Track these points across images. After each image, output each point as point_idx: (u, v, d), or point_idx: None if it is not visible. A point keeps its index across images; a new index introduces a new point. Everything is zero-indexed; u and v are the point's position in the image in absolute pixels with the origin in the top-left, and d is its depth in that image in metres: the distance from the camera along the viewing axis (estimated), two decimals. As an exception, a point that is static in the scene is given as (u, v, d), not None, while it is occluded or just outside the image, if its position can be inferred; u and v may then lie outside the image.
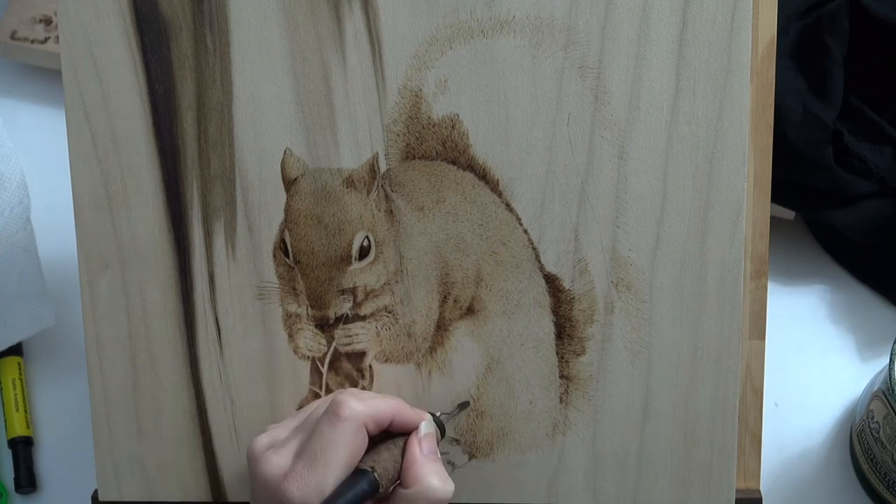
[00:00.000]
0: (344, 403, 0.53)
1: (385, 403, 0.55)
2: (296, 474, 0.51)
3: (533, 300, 0.59)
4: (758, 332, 0.61)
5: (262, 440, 0.55)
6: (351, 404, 0.53)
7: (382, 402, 0.55)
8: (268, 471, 0.52)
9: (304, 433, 0.54)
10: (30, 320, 0.71)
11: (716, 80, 0.56)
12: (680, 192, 0.57)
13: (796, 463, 0.69)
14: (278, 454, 0.53)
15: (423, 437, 0.55)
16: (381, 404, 0.54)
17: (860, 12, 0.71)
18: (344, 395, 0.54)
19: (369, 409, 0.53)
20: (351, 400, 0.53)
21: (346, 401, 0.53)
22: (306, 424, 0.55)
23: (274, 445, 0.54)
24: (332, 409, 0.53)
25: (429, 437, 0.55)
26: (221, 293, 0.60)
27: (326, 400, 0.57)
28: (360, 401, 0.53)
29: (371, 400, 0.54)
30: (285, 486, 0.51)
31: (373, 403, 0.54)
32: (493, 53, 0.57)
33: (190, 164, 0.59)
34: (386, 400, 0.55)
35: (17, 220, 0.70)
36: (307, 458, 0.52)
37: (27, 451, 0.71)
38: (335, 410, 0.53)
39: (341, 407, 0.53)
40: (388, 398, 0.56)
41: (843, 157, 0.70)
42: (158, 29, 0.58)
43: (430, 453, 0.54)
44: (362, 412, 0.53)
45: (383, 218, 0.58)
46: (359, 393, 0.56)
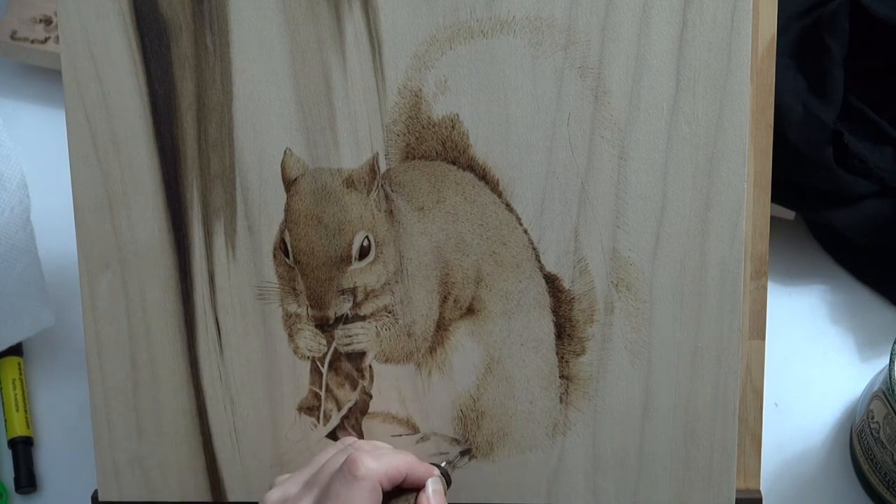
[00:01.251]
0: (360, 462, 0.52)
1: (398, 460, 0.54)
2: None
3: (533, 300, 0.59)
4: (758, 332, 0.61)
5: (274, 496, 0.54)
6: (367, 463, 0.52)
7: (396, 459, 0.54)
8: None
9: (317, 489, 0.53)
10: (30, 320, 0.71)
11: (716, 80, 0.56)
12: (680, 192, 0.57)
13: (796, 463, 0.69)
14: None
15: (431, 493, 0.55)
16: (394, 461, 0.54)
17: (860, 12, 0.71)
18: (358, 453, 0.53)
19: (384, 466, 0.53)
20: (366, 458, 0.52)
21: (362, 459, 0.52)
22: (318, 479, 0.54)
23: (286, 500, 0.53)
24: (347, 467, 0.52)
25: (437, 494, 0.55)
26: (221, 293, 0.60)
27: (338, 452, 0.56)
28: (375, 459, 0.53)
29: (386, 457, 0.53)
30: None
31: (387, 461, 0.53)
32: (493, 53, 0.57)
33: (190, 164, 0.59)
34: (398, 456, 0.55)
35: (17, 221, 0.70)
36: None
37: (27, 451, 0.71)
38: (350, 470, 0.52)
39: (357, 466, 0.52)
40: (400, 454, 0.55)
41: (843, 157, 0.70)
42: (158, 29, 0.58)
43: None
44: (377, 470, 0.52)
45: (383, 218, 0.58)
46: (372, 449, 0.56)
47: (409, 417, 0.60)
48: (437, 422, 0.60)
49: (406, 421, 0.60)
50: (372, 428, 0.60)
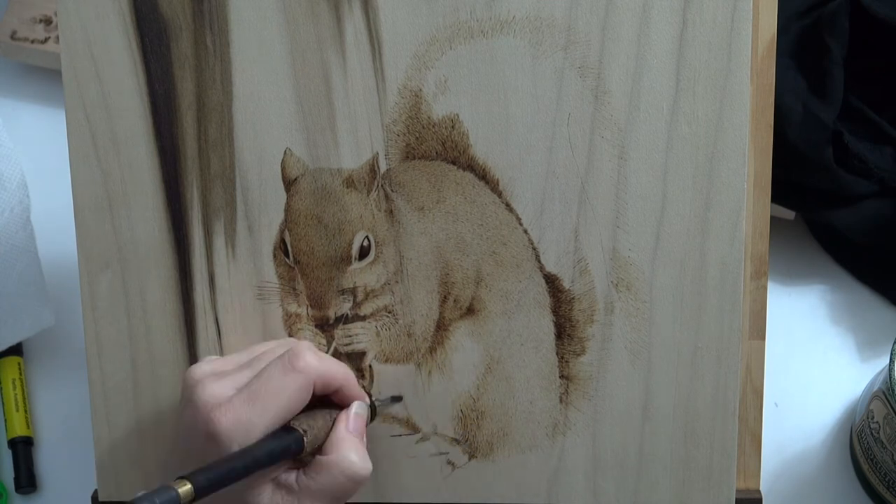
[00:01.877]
0: (301, 356, 0.52)
1: (338, 368, 0.54)
2: (231, 406, 0.51)
3: (533, 300, 0.59)
4: (758, 332, 0.61)
5: (203, 367, 0.54)
6: (308, 358, 0.52)
7: (336, 367, 0.54)
8: (204, 396, 0.52)
9: (249, 371, 0.53)
10: (30, 320, 0.71)
11: (716, 80, 0.56)
12: (680, 192, 0.57)
13: (796, 463, 0.69)
14: (219, 383, 0.52)
15: (353, 413, 0.55)
16: (334, 367, 0.54)
17: (860, 12, 0.70)
18: (302, 346, 0.53)
19: (323, 367, 0.53)
20: (308, 354, 0.53)
21: (304, 353, 0.52)
22: (254, 364, 0.54)
23: (215, 375, 0.53)
24: (288, 356, 0.52)
25: (358, 418, 0.55)
26: (221, 293, 0.60)
27: (281, 344, 0.56)
28: (317, 357, 0.53)
29: (326, 360, 0.54)
30: (217, 414, 0.51)
31: (327, 364, 0.54)
32: (493, 53, 0.57)
33: (190, 164, 0.59)
34: (340, 366, 0.55)
35: (17, 221, 0.70)
36: (247, 395, 0.51)
37: (27, 451, 0.71)
38: (291, 359, 0.52)
39: (298, 358, 0.52)
40: (343, 365, 0.56)
41: (843, 157, 0.70)
42: (158, 29, 0.58)
43: (356, 431, 0.54)
44: (316, 369, 0.52)
45: (383, 218, 0.58)
46: (315, 349, 0.55)
47: (409, 417, 0.60)
48: (437, 422, 0.60)
49: (406, 421, 0.60)
50: (372, 428, 0.60)
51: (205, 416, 0.51)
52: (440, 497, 0.61)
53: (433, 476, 0.61)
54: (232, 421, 0.50)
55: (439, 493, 0.61)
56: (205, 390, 0.52)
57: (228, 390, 0.52)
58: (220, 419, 0.51)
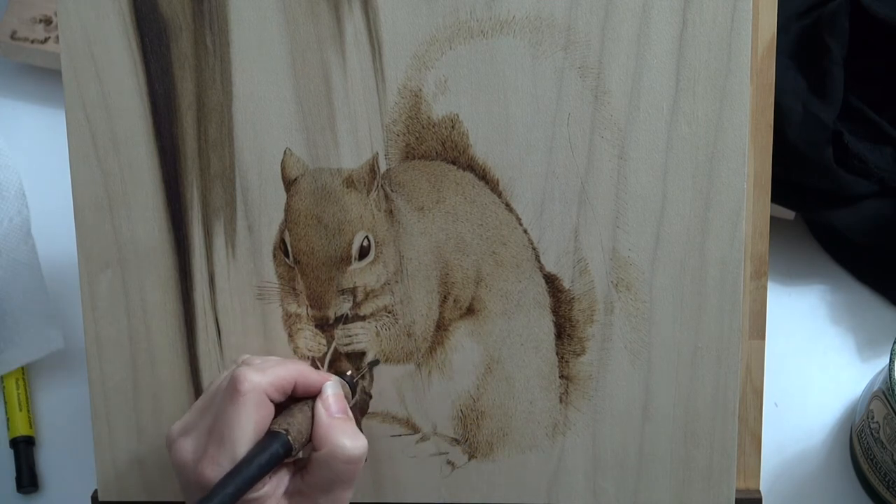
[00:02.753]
0: (241, 377, 0.52)
1: (286, 369, 0.54)
2: (207, 456, 0.51)
3: (533, 300, 0.59)
4: (758, 332, 0.61)
5: (176, 427, 0.55)
6: (249, 377, 0.52)
7: (283, 369, 0.54)
8: (180, 457, 0.53)
9: (210, 413, 0.54)
10: (38, 340, 0.71)
11: (716, 80, 0.56)
12: (680, 192, 0.57)
13: (796, 463, 0.69)
14: (188, 439, 0.53)
15: (328, 397, 0.54)
16: (280, 371, 0.54)
17: (860, 12, 0.71)
18: (242, 368, 0.53)
19: (268, 377, 0.53)
20: (248, 372, 0.52)
21: (244, 374, 0.52)
22: (211, 404, 0.54)
23: (185, 431, 0.54)
24: (230, 385, 0.52)
25: (336, 398, 0.55)
26: (221, 293, 0.60)
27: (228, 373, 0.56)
28: (259, 371, 0.53)
29: (271, 368, 0.54)
30: (200, 468, 0.51)
31: (272, 372, 0.53)
32: (493, 53, 0.57)
33: (190, 164, 0.59)
34: (287, 366, 0.55)
35: (17, 233, 0.70)
36: (215, 439, 0.52)
37: (29, 451, 0.71)
38: (234, 386, 0.52)
39: (238, 381, 0.52)
40: (290, 363, 0.55)
41: (843, 157, 0.70)
42: (158, 29, 0.58)
43: (339, 412, 0.54)
44: (261, 382, 0.52)
45: (383, 218, 0.59)
46: (259, 363, 0.55)
47: (409, 417, 0.60)
48: (437, 422, 0.60)
49: (406, 421, 0.60)
50: (372, 428, 0.60)
51: (191, 474, 0.52)
52: (440, 497, 0.61)
53: (433, 476, 0.61)
54: (214, 468, 0.51)
55: (439, 493, 0.61)
56: (180, 450, 0.53)
57: (198, 441, 0.53)
58: (203, 472, 0.51)
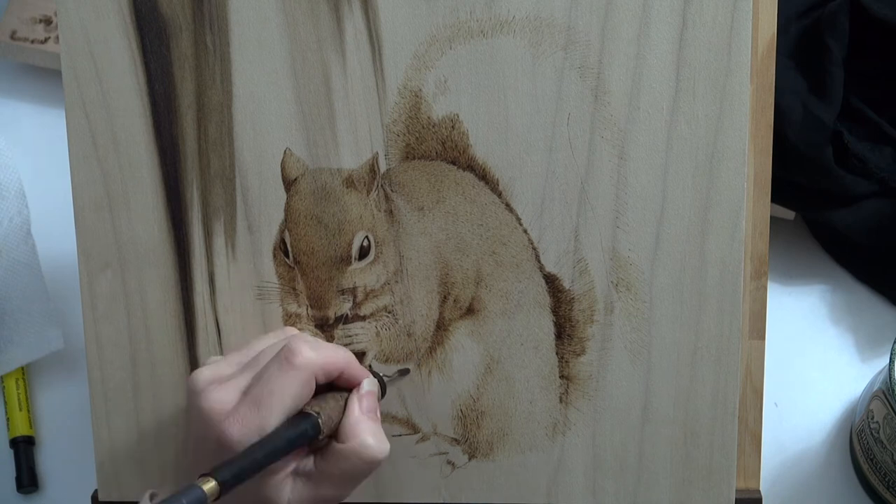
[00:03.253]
0: (298, 350, 0.52)
1: (337, 355, 0.54)
2: (238, 414, 0.51)
3: (533, 300, 0.59)
4: (758, 332, 0.61)
5: (205, 374, 0.53)
6: (305, 352, 0.52)
7: (334, 353, 0.54)
8: (209, 405, 0.51)
9: (250, 372, 0.53)
10: (38, 340, 0.71)
11: (716, 80, 0.56)
12: (680, 192, 0.57)
13: (796, 463, 0.69)
14: (223, 390, 0.52)
15: (364, 393, 0.54)
16: (333, 355, 0.53)
17: (860, 12, 0.71)
18: (297, 340, 0.53)
19: (321, 358, 0.52)
20: (304, 347, 0.52)
21: (300, 348, 0.52)
22: (255, 363, 0.53)
23: (218, 380, 0.53)
24: (284, 354, 0.52)
25: (370, 395, 0.54)
26: (221, 293, 0.60)
27: (277, 340, 0.55)
28: (314, 349, 0.52)
29: (324, 350, 0.53)
30: (226, 424, 0.50)
31: (325, 353, 0.53)
32: (493, 53, 0.57)
33: (190, 164, 0.59)
34: (338, 351, 0.54)
35: (17, 233, 0.70)
36: (252, 400, 0.51)
37: (29, 451, 0.71)
38: (288, 357, 0.51)
39: (295, 354, 0.51)
40: (340, 349, 0.55)
41: (843, 157, 0.70)
42: (158, 29, 0.58)
43: (370, 411, 0.54)
44: (315, 361, 0.52)
45: (383, 218, 0.59)
46: (311, 340, 0.55)
47: (409, 417, 0.60)
48: (437, 422, 0.60)
49: (406, 421, 0.60)
50: (372, 428, 0.60)
51: (215, 427, 0.51)
52: (440, 497, 0.61)
53: (433, 476, 0.61)
54: (241, 429, 0.50)
55: (439, 493, 0.61)
56: (209, 399, 0.52)
57: (232, 396, 0.52)
58: (229, 429, 0.50)
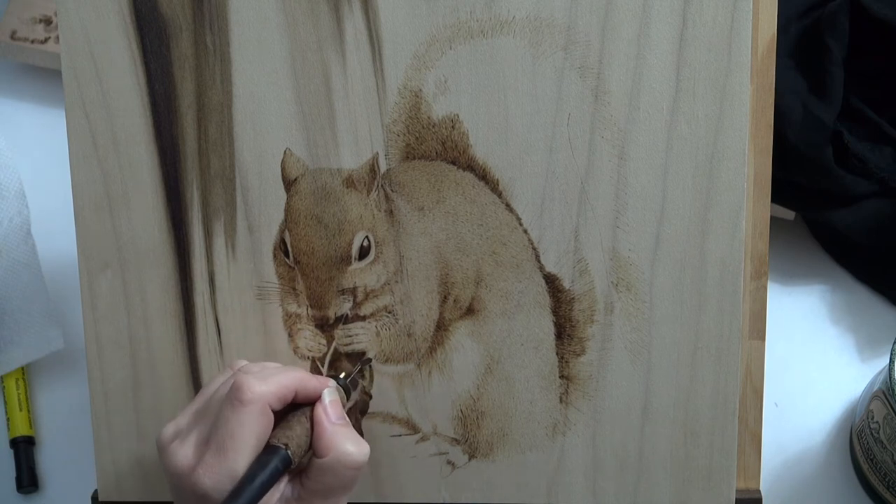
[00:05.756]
0: (245, 386, 0.51)
1: (287, 378, 0.53)
2: (205, 464, 0.51)
3: (533, 300, 0.59)
4: (758, 332, 0.61)
5: (168, 430, 0.54)
6: (252, 386, 0.51)
7: (285, 377, 0.53)
8: (174, 463, 0.52)
9: (206, 418, 0.53)
10: (38, 340, 0.71)
11: (716, 80, 0.56)
12: (680, 192, 0.57)
13: (796, 463, 0.69)
14: (183, 445, 0.52)
15: (327, 404, 0.54)
16: (283, 380, 0.53)
17: (860, 12, 0.71)
18: (243, 376, 0.52)
19: (271, 386, 0.52)
20: (251, 381, 0.52)
21: (248, 383, 0.51)
22: (208, 409, 0.53)
23: (178, 435, 0.53)
24: (233, 393, 0.51)
25: (334, 404, 0.54)
26: (221, 293, 0.60)
27: (227, 379, 0.55)
28: (262, 381, 0.52)
29: (273, 377, 0.53)
30: (195, 477, 0.51)
31: (275, 381, 0.52)
32: (493, 53, 0.57)
33: (190, 164, 0.59)
34: (287, 373, 0.54)
35: (17, 233, 0.70)
36: (215, 447, 0.51)
37: (29, 451, 0.71)
38: (236, 395, 0.51)
39: (242, 390, 0.51)
40: (290, 370, 0.55)
41: (843, 157, 0.70)
42: (158, 29, 0.58)
43: (338, 419, 0.54)
44: (265, 393, 0.52)
45: (383, 218, 0.59)
46: (260, 370, 0.54)
47: (409, 417, 0.60)
48: (437, 422, 0.60)
49: (406, 421, 0.60)
50: (372, 428, 0.60)
51: (186, 482, 0.51)
52: (440, 497, 0.61)
53: (433, 476, 0.61)
54: (212, 477, 0.50)
55: (439, 493, 0.61)
56: (174, 456, 0.52)
57: (192, 449, 0.52)
58: (200, 481, 0.50)
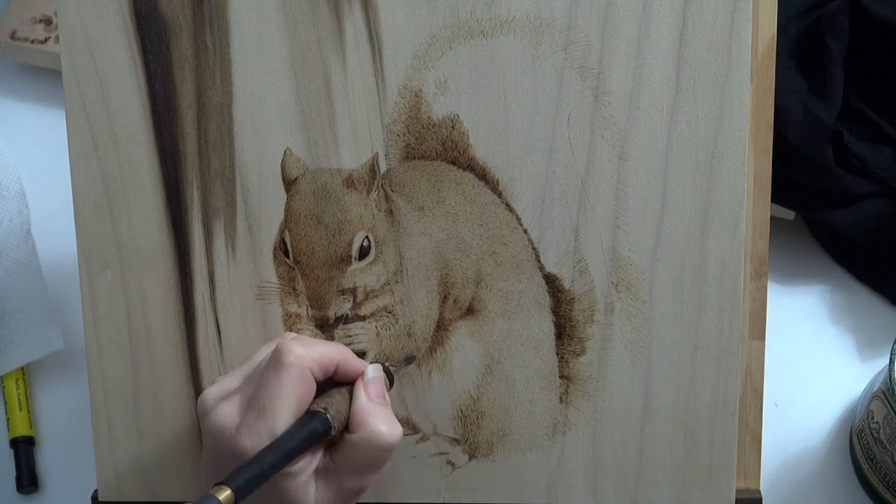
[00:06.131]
0: (287, 349, 0.52)
1: (330, 349, 0.54)
2: (246, 425, 0.51)
3: (533, 300, 0.59)
4: (758, 332, 0.61)
5: (213, 391, 0.54)
6: (294, 350, 0.52)
7: (327, 348, 0.54)
8: (218, 422, 0.52)
9: (251, 382, 0.53)
10: (38, 340, 0.71)
11: (716, 80, 0.56)
12: (680, 192, 0.57)
13: (796, 463, 0.69)
14: (228, 405, 0.53)
15: (369, 380, 0.54)
16: (325, 349, 0.54)
17: (860, 12, 0.71)
18: (287, 340, 0.53)
19: (313, 353, 0.53)
20: (294, 345, 0.52)
21: (289, 346, 0.52)
22: (255, 373, 0.54)
23: (224, 396, 0.54)
24: (275, 355, 0.52)
25: (376, 381, 0.55)
26: (221, 293, 0.60)
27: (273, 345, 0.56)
28: (305, 346, 0.53)
29: (316, 346, 0.53)
30: (237, 437, 0.51)
31: (317, 349, 0.53)
32: (493, 53, 0.57)
33: (190, 164, 0.59)
34: (331, 345, 0.55)
35: (16, 233, 0.70)
36: (256, 408, 0.51)
37: (29, 451, 0.71)
38: (278, 357, 0.52)
39: (284, 353, 0.52)
40: (334, 344, 0.55)
41: (843, 157, 0.70)
42: (158, 29, 0.58)
43: (378, 398, 0.54)
44: (306, 356, 0.52)
45: (383, 218, 0.59)
46: (303, 338, 0.55)
47: (409, 417, 0.60)
48: (437, 422, 0.60)
49: (406, 421, 0.60)
50: (372, 428, 0.60)
51: (227, 441, 0.52)
52: (440, 497, 0.61)
53: (433, 476, 0.61)
54: (252, 437, 0.51)
55: (439, 493, 0.61)
56: (219, 416, 0.52)
57: (238, 409, 0.52)
58: (241, 441, 0.51)
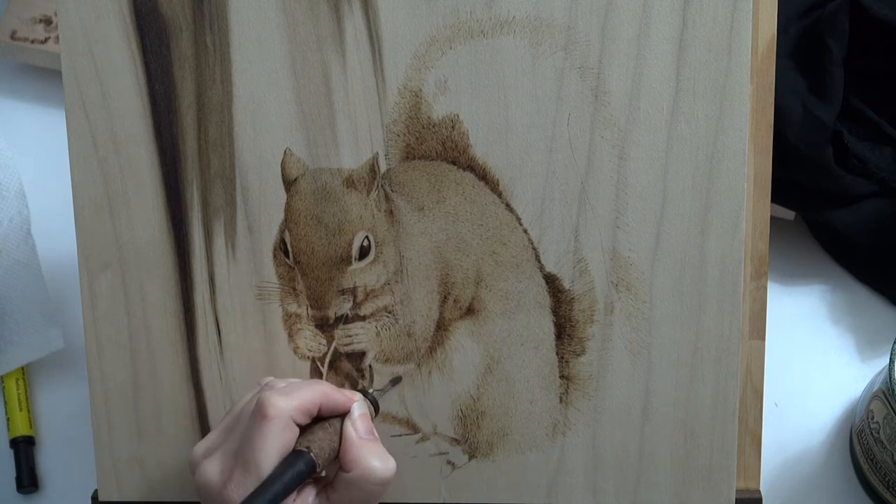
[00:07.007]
0: (267, 403, 0.52)
1: (311, 392, 0.54)
2: (233, 480, 0.52)
3: (533, 300, 0.59)
4: (758, 332, 0.61)
5: (200, 447, 0.55)
6: (275, 403, 0.52)
7: (308, 392, 0.54)
8: (205, 479, 0.53)
9: (234, 435, 0.54)
10: (38, 340, 0.71)
11: (716, 80, 0.56)
12: (680, 192, 0.57)
13: (796, 463, 0.69)
14: (212, 461, 0.53)
15: (356, 417, 0.54)
16: (306, 394, 0.54)
17: (860, 12, 0.71)
18: (267, 392, 0.53)
19: (293, 402, 0.53)
20: (274, 398, 0.52)
21: (270, 400, 0.52)
22: (236, 426, 0.54)
23: (209, 452, 0.54)
24: (257, 409, 0.52)
25: (363, 418, 0.55)
26: (221, 293, 0.60)
27: (253, 396, 0.56)
28: (285, 396, 0.53)
29: (296, 392, 0.53)
30: (225, 493, 0.52)
31: (298, 395, 0.53)
32: (493, 53, 0.57)
33: (190, 164, 0.59)
34: (311, 388, 0.54)
35: (16, 233, 0.70)
36: (241, 463, 0.52)
37: (29, 451, 0.71)
38: (259, 411, 0.52)
39: (265, 407, 0.52)
40: (314, 384, 0.55)
41: (843, 157, 0.70)
42: (158, 29, 0.58)
43: (367, 433, 0.54)
44: (287, 407, 0.52)
45: (383, 218, 0.59)
46: (283, 386, 0.55)
47: (409, 417, 0.60)
48: (437, 422, 0.60)
49: (406, 421, 0.60)
50: (372, 428, 0.60)
51: (217, 498, 0.52)
52: (440, 497, 0.61)
53: (433, 476, 0.61)
54: (241, 493, 0.51)
55: (439, 493, 0.61)
56: (204, 473, 0.53)
57: (222, 466, 0.53)
58: (229, 496, 0.51)
